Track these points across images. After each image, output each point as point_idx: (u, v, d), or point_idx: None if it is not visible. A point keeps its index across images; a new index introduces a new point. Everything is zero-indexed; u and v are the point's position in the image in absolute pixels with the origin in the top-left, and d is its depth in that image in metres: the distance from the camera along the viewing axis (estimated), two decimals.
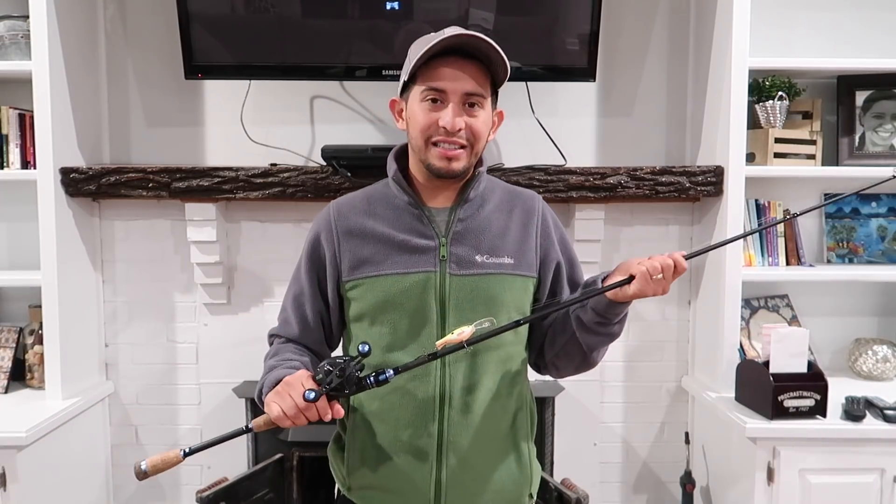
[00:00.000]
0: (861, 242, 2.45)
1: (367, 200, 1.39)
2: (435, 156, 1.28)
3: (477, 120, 1.28)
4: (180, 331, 2.44)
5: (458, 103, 1.27)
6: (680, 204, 2.43)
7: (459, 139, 1.27)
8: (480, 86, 1.28)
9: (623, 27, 2.41)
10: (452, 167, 1.29)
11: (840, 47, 2.39)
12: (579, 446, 2.48)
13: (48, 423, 2.01)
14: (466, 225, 1.34)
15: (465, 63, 1.27)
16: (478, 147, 1.31)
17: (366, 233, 1.34)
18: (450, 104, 1.26)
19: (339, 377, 1.15)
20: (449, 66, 1.26)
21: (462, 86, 1.26)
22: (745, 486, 2.03)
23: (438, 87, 1.27)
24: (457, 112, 1.26)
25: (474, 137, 1.29)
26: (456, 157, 1.28)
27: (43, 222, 2.12)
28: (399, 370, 1.18)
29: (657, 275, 1.19)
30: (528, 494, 1.39)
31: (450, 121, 1.26)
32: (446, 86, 1.26)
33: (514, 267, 1.33)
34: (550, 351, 1.39)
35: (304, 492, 2.31)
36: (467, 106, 1.28)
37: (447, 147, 1.27)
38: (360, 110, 2.40)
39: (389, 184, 1.38)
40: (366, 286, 1.31)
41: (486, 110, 1.31)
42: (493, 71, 1.30)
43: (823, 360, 2.47)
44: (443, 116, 1.26)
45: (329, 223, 1.37)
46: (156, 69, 2.38)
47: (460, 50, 1.26)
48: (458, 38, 1.24)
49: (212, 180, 2.19)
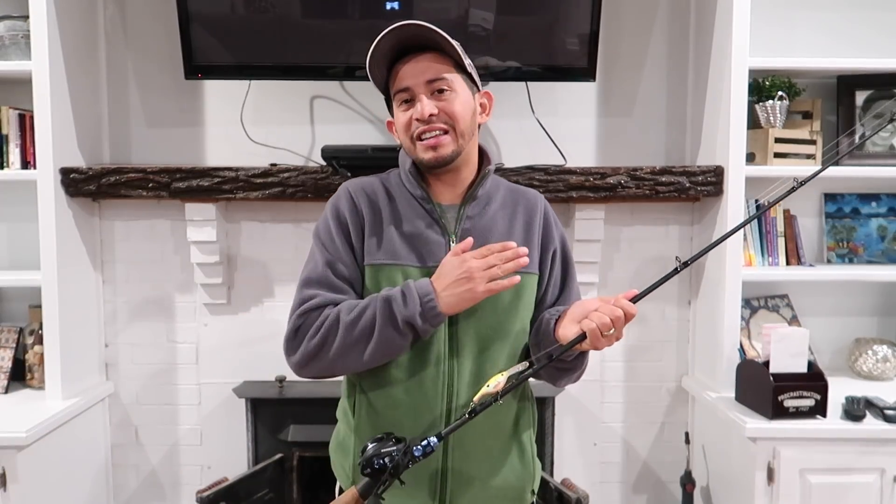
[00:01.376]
0: (861, 242, 2.45)
1: (383, 187, 1.38)
2: (421, 149, 1.30)
3: (448, 103, 1.29)
4: (180, 331, 2.44)
5: (426, 93, 1.29)
6: (680, 204, 2.43)
7: (437, 124, 1.28)
8: (440, 70, 1.29)
9: (623, 27, 2.41)
10: (440, 153, 1.29)
11: (840, 47, 2.39)
12: (579, 446, 2.48)
13: (48, 423, 2.01)
14: (474, 223, 1.35)
15: (419, 55, 1.30)
16: (460, 127, 1.30)
17: (382, 219, 1.33)
18: (419, 97, 1.28)
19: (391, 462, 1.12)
20: (404, 65, 1.30)
21: (421, 75, 1.29)
22: (745, 486, 2.03)
23: (403, 87, 1.30)
24: (424, 102, 1.28)
25: (452, 119, 1.29)
26: (440, 143, 1.29)
27: (43, 222, 2.12)
28: (442, 436, 1.15)
29: (608, 331, 1.16)
30: (530, 490, 1.40)
31: (419, 109, 1.28)
32: (408, 82, 1.29)
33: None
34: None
35: (304, 492, 2.31)
36: (436, 93, 1.29)
37: (428, 137, 1.29)
38: (360, 110, 2.41)
39: (402, 176, 1.38)
40: (383, 273, 1.30)
41: (460, 91, 1.31)
42: (448, 52, 1.31)
43: (823, 360, 2.47)
44: (415, 108, 1.29)
45: (352, 201, 1.35)
46: (156, 69, 2.39)
47: (410, 46, 1.29)
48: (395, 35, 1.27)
49: (212, 180, 2.19)
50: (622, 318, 1.17)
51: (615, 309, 1.17)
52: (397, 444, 1.14)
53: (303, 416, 2.27)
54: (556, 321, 1.28)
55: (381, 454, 1.12)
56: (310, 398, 2.25)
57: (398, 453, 1.12)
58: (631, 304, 1.18)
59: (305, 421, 2.27)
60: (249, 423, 2.30)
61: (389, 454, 1.12)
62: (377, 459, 1.12)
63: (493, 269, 1.19)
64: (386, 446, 1.13)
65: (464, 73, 1.33)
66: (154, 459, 2.47)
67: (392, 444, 1.14)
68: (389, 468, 1.10)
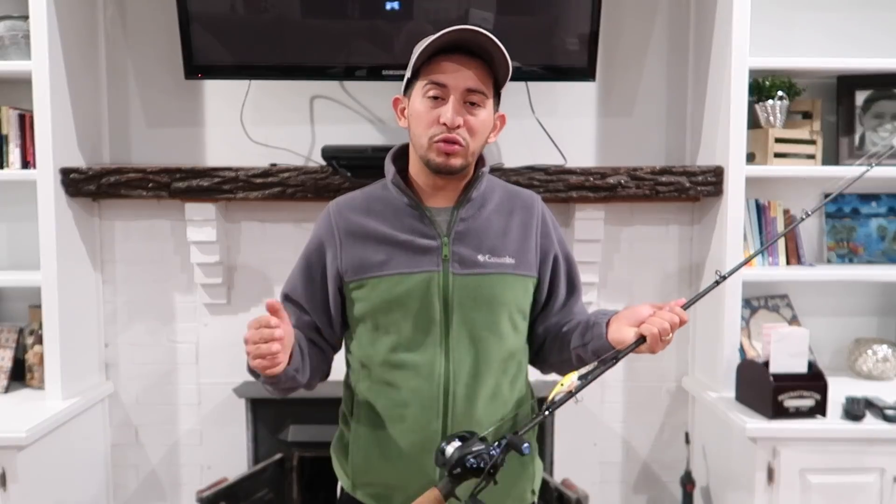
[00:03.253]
0: (861, 242, 2.45)
1: (366, 201, 1.39)
2: (434, 151, 1.29)
3: (476, 119, 1.28)
4: (180, 331, 2.44)
5: (459, 100, 1.27)
6: (680, 204, 2.43)
7: (458, 136, 1.27)
8: (482, 84, 1.28)
9: (623, 27, 2.41)
10: (450, 163, 1.29)
11: (840, 47, 2.38)
12: (579, 446, 2.48)
13: (48, 423, 2.01)
14: (468, 225, 1.34)
15: (468, 60, 1.27)
16: (474, 146, 1.30)
17: (367, 233, 1.34)
18: (451, 99, 1.26)
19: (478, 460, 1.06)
20: (451, 61, 1.27)
21: (464, 81, 1.26)
22: (745, 486, 2.03)
23: (440, 82, 1.27)
24: (457, 109, 1.26)
25: (471, 136, 1.29)
26: (454, 153, 1.28)
27: (43, 222, 2.12)
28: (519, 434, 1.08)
29: (667, 336, 1.19)
30: (531, 490, 1.41)
31: (450, 117, 1.26)
32: (448, 80, 1.26)
33: (515, 267, 1.34)
34: (545, 361, 1.43)
35: (304, 492, 2.31)
36: (468, 104, 1.28)
37: (446, 144, 1.28)
38: (360, 110, 2.41)
39: (388, 186, 1.38)
40: (370, 286, 1.31)
41: (487, 110, 1.31)
42: (495, 70, 1.30)
43: (823, 360, 2.47)
44: (443, 112, 1.26)
45: (329, 224, 1.37)
46: (156, 69, 2.38)
47: (463, 48, 1.27)
48: (461, 33, 1.24)
49: (212, 180, 2.19)
50: (677, 325, 1.20)
51: (673, 315, 1.20)
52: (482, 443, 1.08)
53: (303, 416, 2.27)
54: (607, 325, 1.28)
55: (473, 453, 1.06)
56: (310, 398, 2.22)
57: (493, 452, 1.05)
58: (684, 312, 1.21)
59: (305, 421, 2.27)
60: (249, 423, 2.30)
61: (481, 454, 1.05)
62: (470, 458, 1.05)
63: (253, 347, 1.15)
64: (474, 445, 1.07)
65: (495, 94, 1.33)
66: (154, 459, 2.47)
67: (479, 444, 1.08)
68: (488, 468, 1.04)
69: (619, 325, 1.24)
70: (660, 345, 1.19)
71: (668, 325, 1.18)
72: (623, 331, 1.23)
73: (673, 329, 1.19)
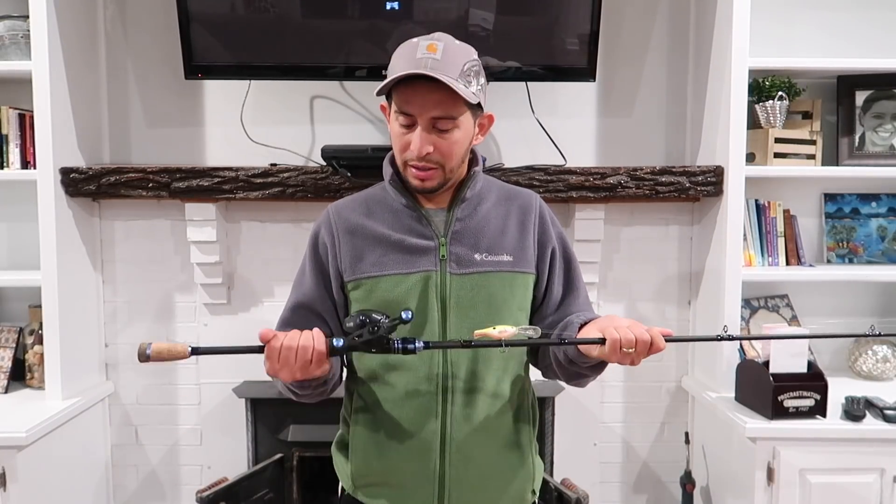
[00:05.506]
0: (861, 242, 2.45)
1: (365, 203, 1.40)
2: (410, 175, 1.31)
3: (446, 141, 1.28)
4: (180, 331, 2.44)
5: (427, 127, 1.27)
6: (680, 204, 2.43)
7: (430, 163, 1.28)
8: (450, 108, 1.26)
9: (623, 27, 2.41)
10: (426, 185, 1.31)
11: (840, 47, 2.38)
12: (579, 446, 2.48)
13: (48, 423, 2.01)
14: (464, 224, 1.35)
15: (432, 86, 1.24)
16: (451, 164, 1.30)
17: (366, 233, 1.35)
18: (418, 129, 1.27)
19: (370, 334, 1.15)
20: (416, 91, 1.25)
21: (428, 111, 1.26)
22: (745, 486, 2.03)
23: (406, 111, 1.27)
24: (424, 138, 1.26)
25: (444, 158, 1.29)
26: (428, 178, 1.30)
27: (43, 222, 2.12)
28: (430, 346, 1.18)
29: (628, 348, 1.15)
30: (530, 490, 1.40)
31: (416, 148, 1.27)
32: (413, 110, 1.27)
33: (514, 264, 1.34)
34: (540, 362, 1.42)
35: (304, 492, 2.31)
36: (437, 129, 1.27)
37: (417, 170, 1.29)
38: (360, 110, 2.40)
39: (386, 187, 1.39)
40: (368, 286, 1.32)
41: (462, 127, 1.29)
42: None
43: (823, 360, 2.47)
44: (413, 141, 1.27)
45: (329, 223, 1.38)
46: (156, 69, 2.39)
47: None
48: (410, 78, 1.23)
49: (212, 180, 2.19)
50: (646, 344, 1.16)
51: (644, 332, 1.16)
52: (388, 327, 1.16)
53: (303, 416, 2.27)
54: (582, 326, 1.28)
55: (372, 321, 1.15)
56: None
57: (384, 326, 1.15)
58: (661, 338, 1.17)
59: (305, 421, 2.27)
60: (249, 423, 2.30)
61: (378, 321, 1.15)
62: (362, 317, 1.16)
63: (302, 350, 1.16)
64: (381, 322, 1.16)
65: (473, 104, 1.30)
66: (154, 459, 2.47)
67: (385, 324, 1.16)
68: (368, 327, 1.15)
69: (591, 328, 1.24)
70: (617, 353, 1.15)
71: (633, 338, 1.14)
72: (592, 332, 1.22)
73: (639, 345, 1.15)
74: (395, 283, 1.30)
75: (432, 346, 1.19)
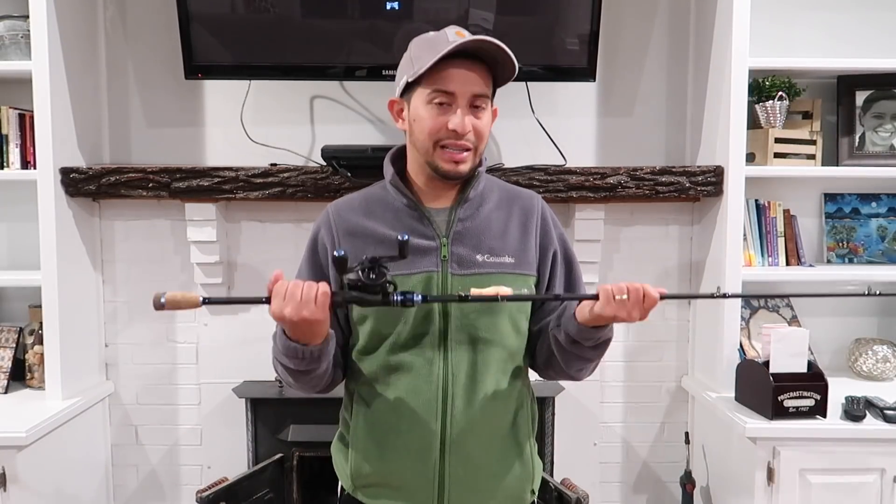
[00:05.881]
0: (861, 242, 2.45)
1: (365, 202, 1.39)
2: (443, 158, 1.30)
3: (481, 121, 1.30)
4: (180, 331, 2.44)
5: (466, 105, 1.28)
6: (680, 204, 2.43)
7: (467, 142, 1.29)
8: (486, 86, 1.30)
9: (623, 27, 2.41)
10: (459, 169, 1.30)
11: (840, 47, 2.38)
12: (579, 446, 2.48)
13: (48, 423, 2.01)
14: (466, 225, 1.34)
15: (473, 65, 1.28)
16: (481, 148, 1.33)
17: (366, 234, 1.34)
18: (459, 107, 1.27)
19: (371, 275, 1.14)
20: (458, 69, 1.27)
21: (471, 88, 1.28)
22: (745, 486, 2.03)
23: (448, 90, 1.27)
24: (466, 114, 1.28)
25: (478, 139, 1.31)
26: (463, 160, 1.30)
27: (43, 222, 2.12)
28: (428, 299, 1.20)
29: (620, 295, 1.18)
30: (530, 490, 1.40)
31: (460, 123, 1.27)
32: (456, 88, 1.27)
33: (515, 266, 1.34)
34: (538, 359, 1.42)
35: (304, 492, 2.31)
36: (473, 108, 1.29)
37: (455, 151, 1.29)
38: (360, 110, 2.41)
39: (387, 187, 1.38)
40: None
41: (489, 111, 1.33)
42: (496, 73, 1.32)
43: (823, 360, 2.47)
44: (452, 119, 1.27)
45: (329, 224, 1.38)
46: (156, 69, 2.39)
47: (465, 52, 1.27)
48: (473, 44, 1.25)
49: (212, 180, 2.19)
50: (639, 292, 1.18)
51: (636, 285, 1.19)
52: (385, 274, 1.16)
53: (303, 416, 2.27)
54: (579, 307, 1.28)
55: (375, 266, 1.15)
56: (310, 398, 2.24)
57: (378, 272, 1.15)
58: (653, 290, 1.20)
59: (305, 421, 2.27)
60: (249, 423, 2.30)
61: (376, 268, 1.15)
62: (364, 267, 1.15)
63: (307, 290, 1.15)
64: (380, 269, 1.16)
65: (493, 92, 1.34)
66: (154, 459, 2.47)
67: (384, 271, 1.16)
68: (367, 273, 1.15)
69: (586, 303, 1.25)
70: (611, 303, 1.18)
71: (625, 287, 1.18)
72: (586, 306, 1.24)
73: (631, 293, 1.18)
74: (393, 283, 1.30)
75: (430, 300, 1.22)
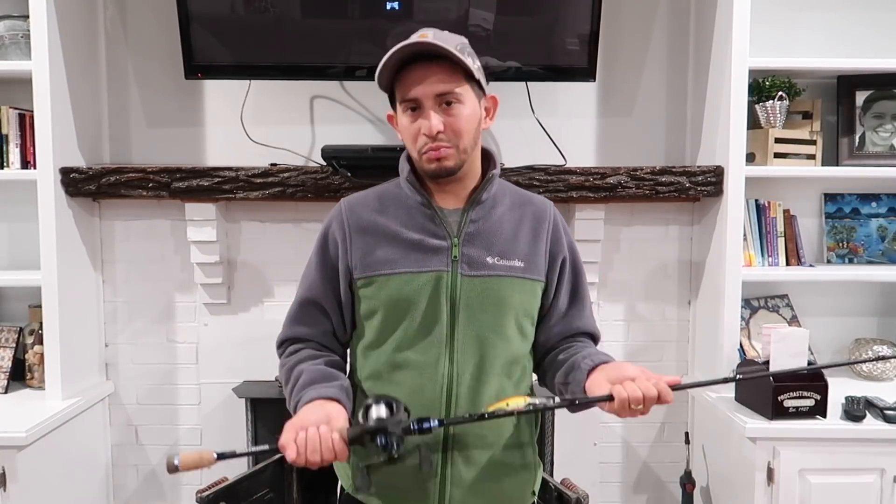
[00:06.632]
0: (861, 242, 2.45)
1: (378, 199, 1.39)
2: (425, 161, 1.30)
3: (456, 118, 1.28)
4: (180, 331, 2.44)
5: (434, 106, 1.27)
6: (680, 204, 2.43)
7: (443, 141, 1.28)
8: (452, 82, 1.27)
9: (623, 27, 2.41)
10: (443, 165, 1.29)
11: (840, 47, 2.38)
12: (579, 446, 2.48)
13: (48, 423, 2.01)
14: (478, 226, 1.34)
15: (431, 64, 1.26)
16: (465, 143, 1.30)
17: (378, 230, 1.34)
18: (427, 109, 1.27)
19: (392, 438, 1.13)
20: (414, 73, 1.26)
21: (431, 89, 1.26)
22: (745, 486, 2.03)
23: (409, 97, 1.27)
24: (434, 117, 1.26)
25: (457, 135, 1.29)
26: (444, 156, 1.28)
27: (43, 222, 2.12)
28: (443, 423, 1.18)
29: (637, 405, 1.17)
30: (530, 491, 1.41)
31: (427, 126, 1.26)
32: (416, 93, 1.26)
33: (524, 270, 1.34)
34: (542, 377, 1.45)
35: (304, 492, 2.31)
36: (444, 105, 1.27)
37: (433, 152, 1.28)
38: (360, 110, 2.41)
39: (402, 184, 1.38)
40: (378, 284, 1.31)
41: (468, 103, 1.30)
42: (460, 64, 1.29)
43: (823, 360, 2.47)
44: (422, 124, 1.27)
45: (341, 219, 1.37)
46: (156, 69, 2.39)
47: (419, 55, 1.26)
48: (410, 48, 1.24)
49: (212, 180, 2.19)
50: (654, 399, 1.17)
51: (651, 388, 1.17)
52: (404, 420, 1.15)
53: None
54: (590, 372, 1.27)
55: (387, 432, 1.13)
56: None
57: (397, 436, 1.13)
58: (669, 390, 1.18)
59: None
60: (249, 423, 2.30)
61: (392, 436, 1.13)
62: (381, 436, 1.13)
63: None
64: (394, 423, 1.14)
65: (473, 80, 1.31)
66: (154, 459, 2.47)
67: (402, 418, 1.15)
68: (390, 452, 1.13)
69: (600, 377, 1.24)
70: (626, 411, 1.17)
71: (641, 395, 1.16)
72: (600, 385, 1.22)
73: (646, 402, 1.17)
74: (406, 281, 1.30)
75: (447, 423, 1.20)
